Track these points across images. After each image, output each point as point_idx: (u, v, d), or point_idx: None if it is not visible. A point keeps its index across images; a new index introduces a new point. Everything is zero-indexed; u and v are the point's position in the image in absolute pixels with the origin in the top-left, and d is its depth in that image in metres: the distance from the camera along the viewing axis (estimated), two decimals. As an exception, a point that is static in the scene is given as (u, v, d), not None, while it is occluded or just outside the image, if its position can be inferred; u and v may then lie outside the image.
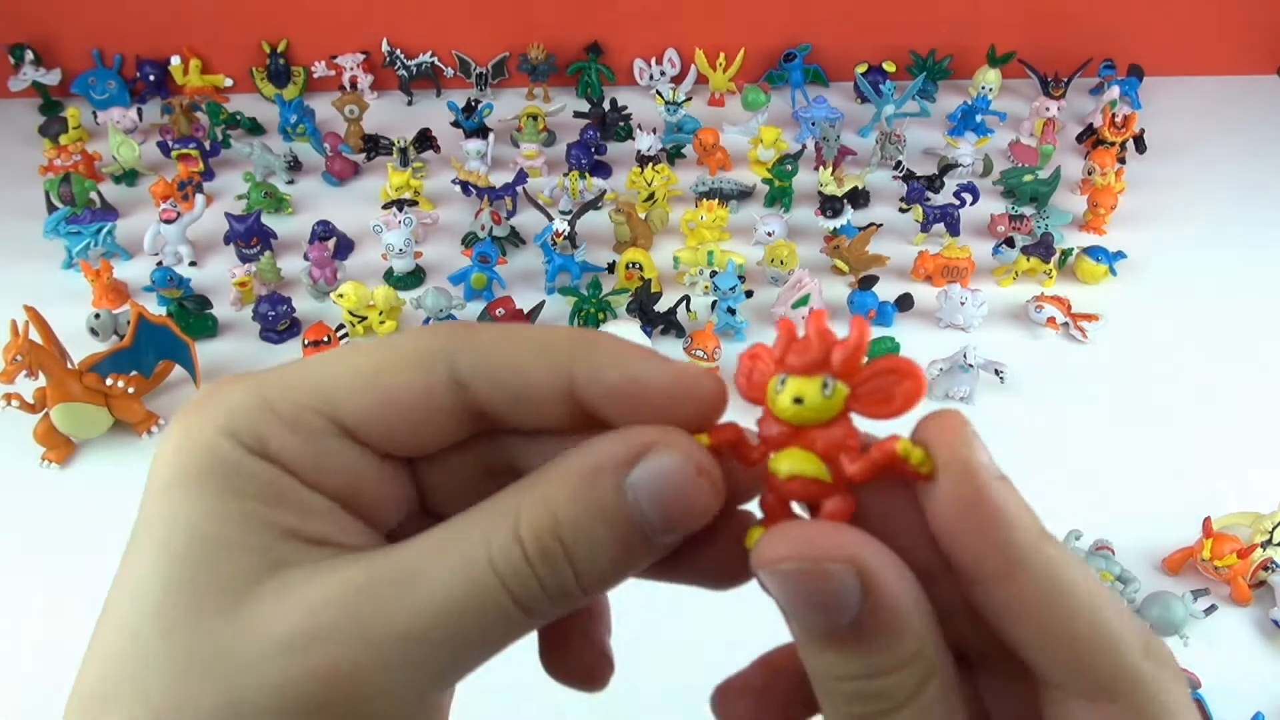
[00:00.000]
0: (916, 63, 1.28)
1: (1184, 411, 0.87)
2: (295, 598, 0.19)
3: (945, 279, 0.98)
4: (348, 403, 0.20)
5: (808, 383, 0.20)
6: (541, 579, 0.19)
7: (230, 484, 0.19)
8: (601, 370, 0.21)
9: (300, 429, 0.20)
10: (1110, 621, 0.19)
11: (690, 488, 0.20)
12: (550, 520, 0.19)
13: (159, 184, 1.05)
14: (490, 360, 0.21)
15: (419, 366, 0.20)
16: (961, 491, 0.19)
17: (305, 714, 0.18)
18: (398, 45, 1.25)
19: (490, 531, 0.19)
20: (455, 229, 1.07)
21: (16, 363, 0.78)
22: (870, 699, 0.19)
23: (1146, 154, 1.18)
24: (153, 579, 0.19)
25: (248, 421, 0.20)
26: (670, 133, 1.18)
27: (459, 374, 0.20)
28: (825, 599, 0.18)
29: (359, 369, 0.20)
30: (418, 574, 0.19)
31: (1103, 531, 0.75)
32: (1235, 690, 0.66)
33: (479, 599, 0.19)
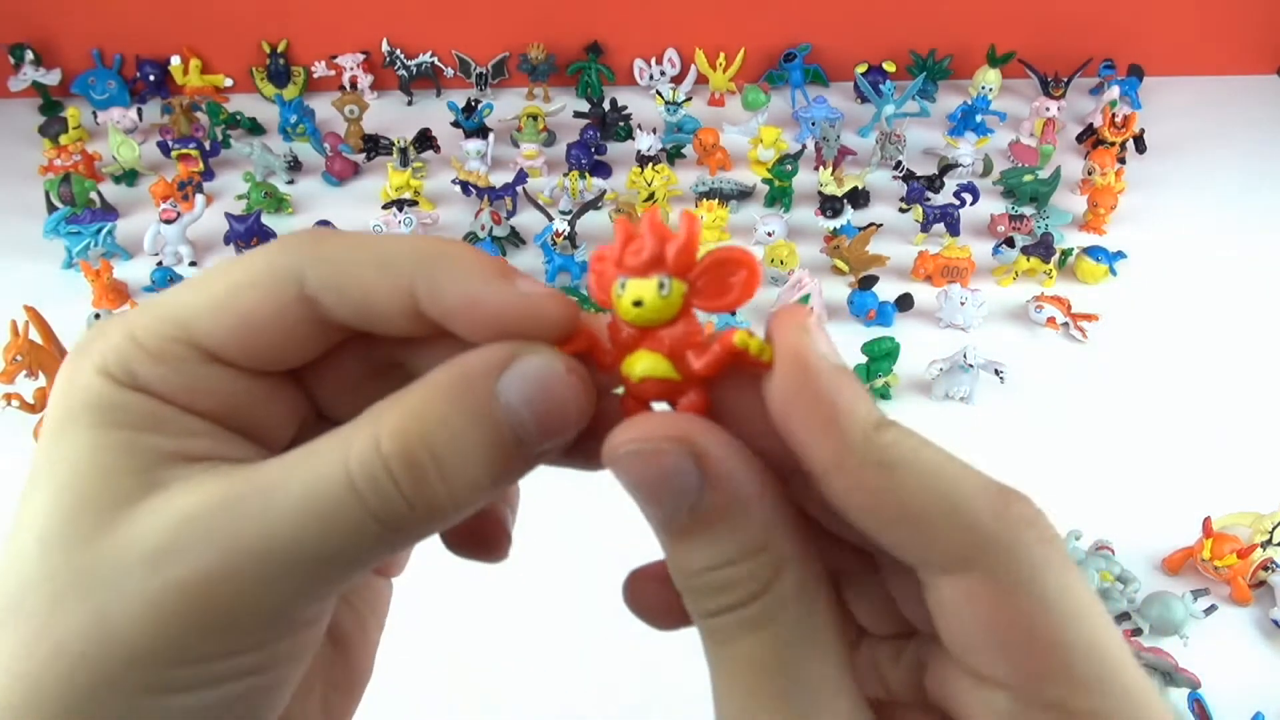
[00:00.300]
0: (916, 63, 1.28)
1: (1184, 411, 0.87)
2: (164, 513, 0.19)
3: (945, 279, 0.98)
4: (204, 328, 0.20)
5: (645, 284, 0.20)
6: (405, 491, 0.19)
7: (107, 416, 0.20)
8: (442, 289, 0.20)
9: (165, 359, 0.20)
10: (953, 491, 0.18)
11: (562, 387, 0.20)
12: (417, 426, 0.19)
13: (159, 184, 1.05)
14: (336, 276, 0.20)
15: (269, 286, 0.20)
16: (791, 376, 0.19)
17: (170, 626, 0.18)
18: (398, 45, 1.25)
19: (350, 441, 0.19)
20: (455, 229, 1.07)
21: (16, 363, 0.78)
22: (720, 591, 0.19)
23: (1146, 154, 1.18)
24: (39, 511, 0.19)
25: (118, 357, 0.20)
26: (670, 133, 1.18)
27: (308, 289, 0.20)
28: (662, 480, 0.19)
29: (213, 293, 0.21)
30: (275, 486, 0.19)
31: (1103, 531, 0.75)
32: (1235, 690, 0.66)
33: (335, 513, 0.18)
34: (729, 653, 0.19)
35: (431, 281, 0.20)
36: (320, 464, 0.19)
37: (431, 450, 0.19)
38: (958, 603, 0.18)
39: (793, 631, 0.19)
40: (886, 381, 0.86)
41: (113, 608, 0.18)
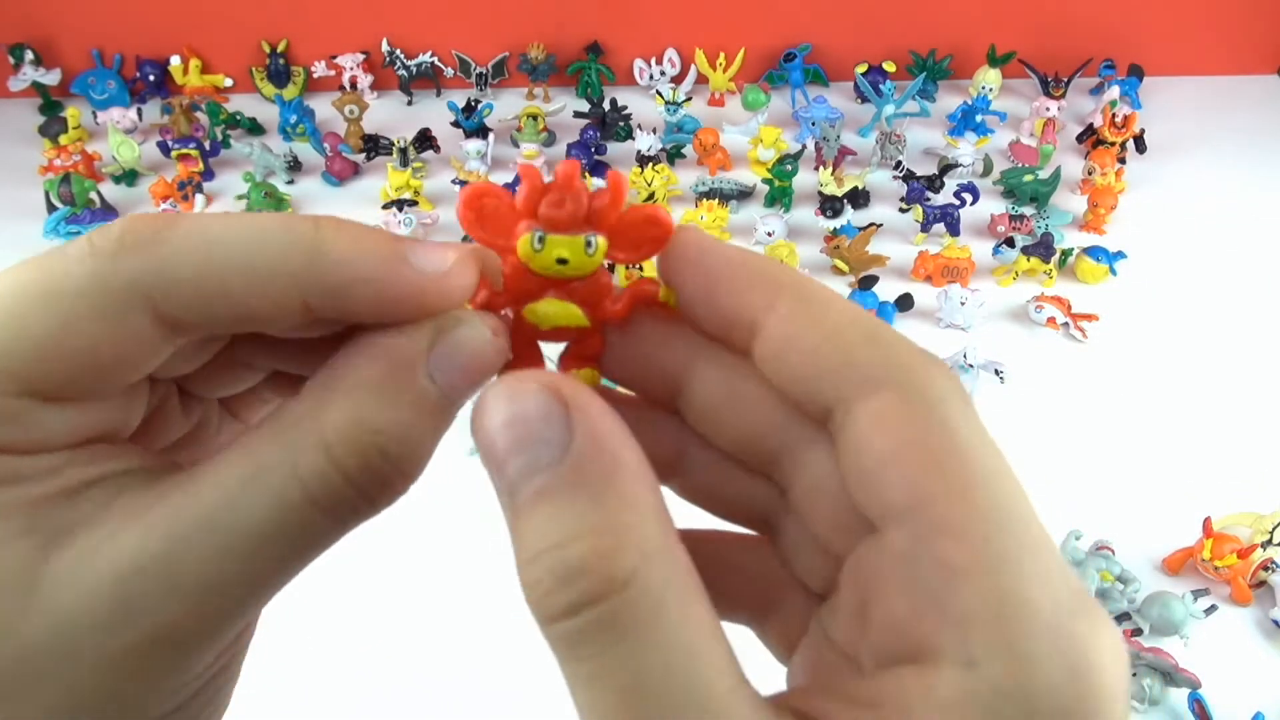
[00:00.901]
0: (916, 63, 1.28)
1: (1184, 411, 0.87)
2: (97, 570, 0.17)
3: (945, 279, 0.98)
4: (34, 376, 0.17)
5: (571, 241, 0.20)
6: (368, 494, 0.18)
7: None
8: (338, 293, 0.18)
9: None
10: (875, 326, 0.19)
11: (491, 351, 0.19)
12: (366, 433, 0.18)
13: (159, 184, 1.06)
14: (196, 295, 0.17)
15: (110, 320, 0.17)
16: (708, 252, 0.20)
17: (123, 681, 0.17)
18: (398, 45, 1.25)
19: (297, 455, 0.18)
20: (455, 229, 1.07)
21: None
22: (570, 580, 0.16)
23: (1146, 154, 1.18)
24: None
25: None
26: (670, 133, 1.18)
27: (166, 317, 0.18)
28: (522, 422, 0.17)
29: (31, 334, 0.17)
30: (224, 510, 0.17)
31: (1103, 531, 0.75)
32: (1235, 690, 0.66)
33: (294, 525, 0.18)
34: (586, 671, 0.16)
35: (323, 287, 0.18)
36: (272, 481, 0.17)
37: (384, 453, 0.18)
38: (868, 427, 0.18)
39: (666, 639, 0.16)
40: (886, 381, 0.86)
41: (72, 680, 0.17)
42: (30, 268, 0.17)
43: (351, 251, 0.18)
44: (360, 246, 0.18)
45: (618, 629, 0.15)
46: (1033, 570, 0.17)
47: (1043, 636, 0.16)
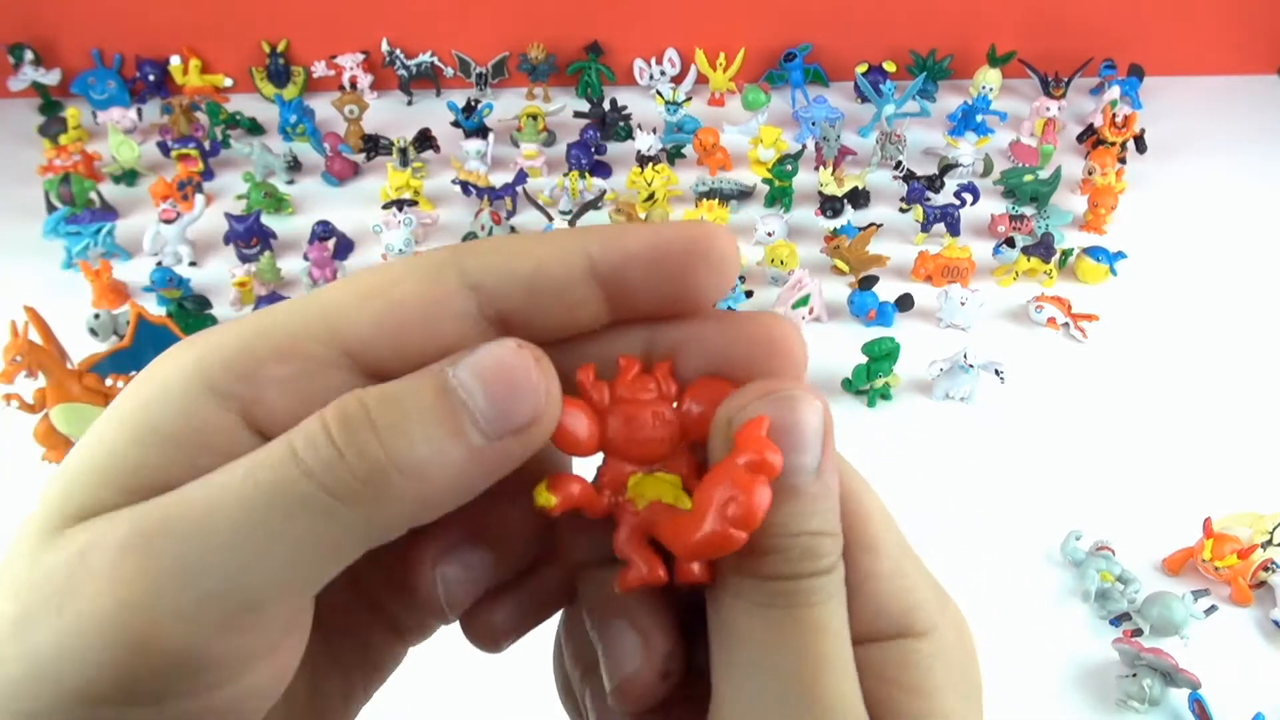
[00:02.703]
0: (916, 63, 1.28)
1: (1184, 411, 0.87)
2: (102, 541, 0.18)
3: (945, 279, 0.98)
4: (350, 321, 0.19)
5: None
6: (341, 447, 0.17)
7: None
8: (618, 240, 0.20)
9: (294, 357, 0.19)
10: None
11: (517, 363, 0.19)
12: (356, 400, 0.18)
13: (159, 184, 1.05)
14: (501, 257, 0.20)
15: (426, 277, 0.19)
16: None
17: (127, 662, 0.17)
18: (398, 45, 1.25)
19: (299, 425, 0.18)
20: (455, 229, 1.07)
21: (16, 363, 0.78)
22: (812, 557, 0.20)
23: (1146, 154, 1.18)
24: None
25: (238, 353, 0.18)
26: (670, 133, 1.18)
27: (470, 277, 0.19)
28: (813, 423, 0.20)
29: (363, 286, 0.19)
30: (221, 481, 0.18)
31: (1103, 531, 0.75)
32: (1235, 690, 0.66)
33: (284, 493, 0.17)
34: (807, 616, 0.20)
35: (609, 235, 0.20)
36: (269, 448, 0.18)
37: (367, 409, 0.18)
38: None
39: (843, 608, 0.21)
40: (887, 382, 0.86)
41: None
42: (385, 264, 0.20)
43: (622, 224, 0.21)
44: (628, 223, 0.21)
45: (833, 592, 0.20)
46: None
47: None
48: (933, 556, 0.80)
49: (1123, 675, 0.66)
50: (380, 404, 0.18)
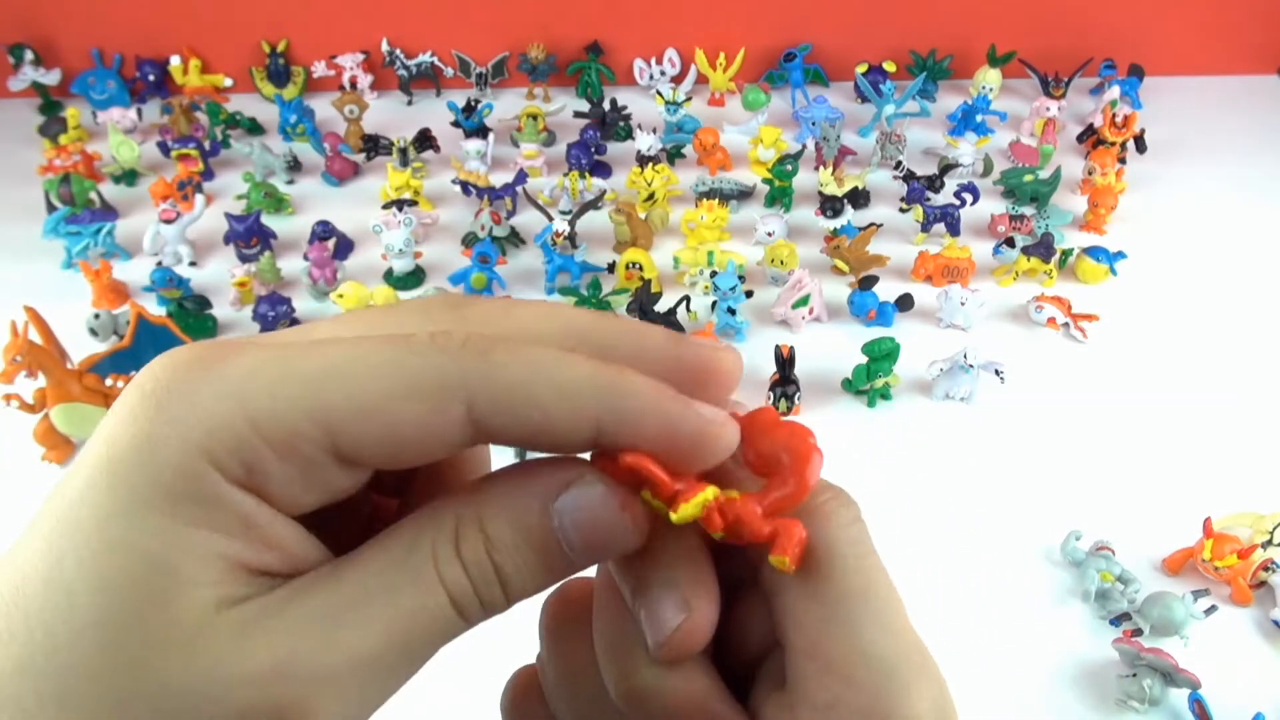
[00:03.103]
0: (916, 63, 1.28)
1: (1184, 411, 0.87)
2: (258, 637, 0.18)
3: (945, 279, 0.98)
4: (347, 430, 0.19)
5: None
6: (479, 593, 0.20)
7: (203, 516, 0.18)
8: (636, 421, 0.20)
9: (291, 457, 0.18)
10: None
11: (612, 519, 0.21)
12: (483, 541, 0.20)
13: (159, 184, 1.05)
14: (513, 402, 0.19)
15: (432, 399, 0.19)
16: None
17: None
18: (398, 45, 1.25)
19: (436, 546, 0.20)
20: (455, 229, 1.07)
21: (16, 363, 0.78)
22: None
23: (1146, 154, 1.18)
24: (93, 608, 0.17)
25: (234, 444, 0.18)
26: (670, 133, 1.18)
27: (476, 412, 0.19)
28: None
29: (363, 390, 0.19)
30: (373, 596, 0.19)
31: (1103, 531, 0.75)
32: (1235, 690, 0.66)
33: (430, 614, 0.20)
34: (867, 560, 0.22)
35: (621, 412, 0.20)
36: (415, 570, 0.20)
37: (495, 563, 0.20)
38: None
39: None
40: (887, 382, 0.86)
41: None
42: (374, 342, 0.19)
43: (644, 385, 0.20)
44: (649, 382, 0.21)
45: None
46: None
47: None
48: (933, 556, 0.81)
49: (1123, 675, 0.66)
50: (503, 558, 0.20)
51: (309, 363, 0.19)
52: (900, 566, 0.76)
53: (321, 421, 0.18)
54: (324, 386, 0.19)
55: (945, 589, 0.72)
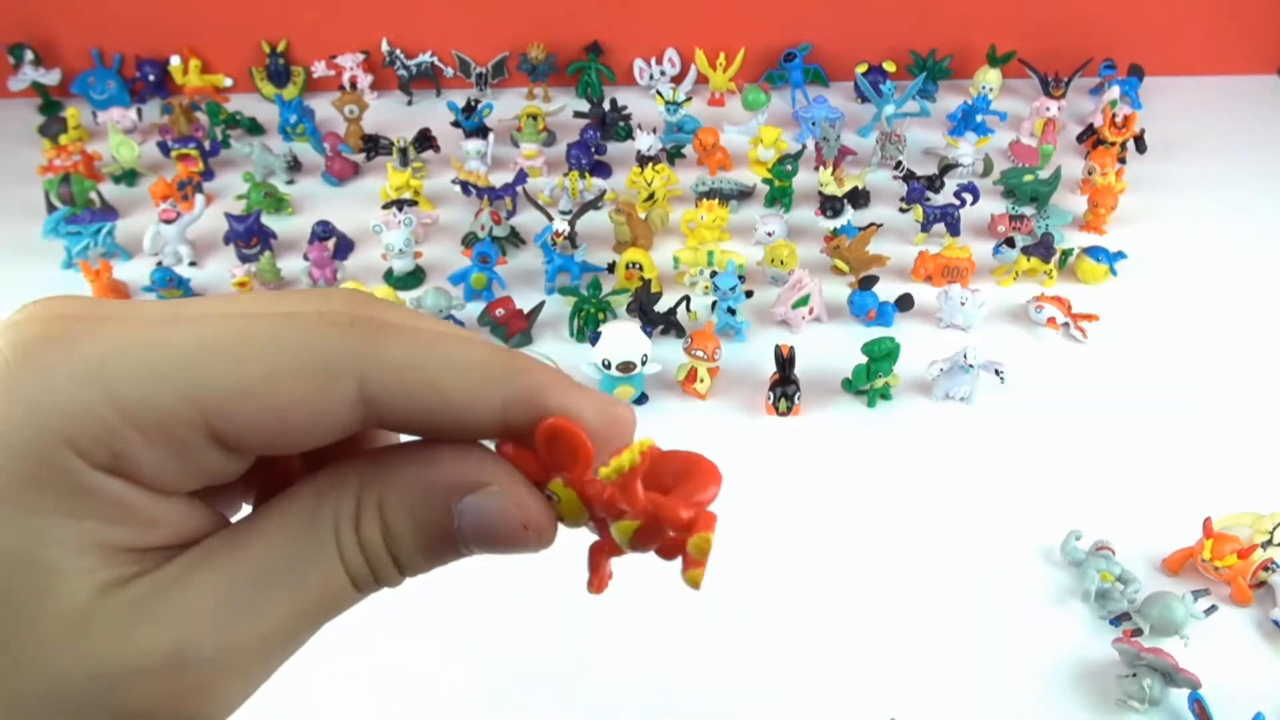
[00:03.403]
0: (916, 63, 1.28)
1: (1184, 411, 0.87)
2: (152, 620, 0.17)
3: (945, 279, 0.98)
4: (227, 416, 0.17)
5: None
6: (375, 573, 0.20)
7: (70, 505, 0.17)
8: (542, 403, 0.20)
9: (164, 441, 0.17)
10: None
11: (513, 533, 0.20)
12: (381, 528, 0.20)
13: (159, 184, 1.06)
14: (407, 385, 0.19)
15: (320, 379, 0.18)
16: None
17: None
18: (398, 45, 1.25)
19: (339, 527, 0.19)
20: (455, 229, 1.07)
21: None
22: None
23: (1147, 154, 1.18)
24: None
25: (99, 431, 0.17)
26: (670, 133, 1.18)
27: (368, 393, 0.18)
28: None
29: (242, 369, 0.17)
30: (275, 574, 0.19)
31: (1103, 531, 0.75)
32: (1235, 690, 0.66)
33: (331, 591, 0.19)
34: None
35: (528, 393, 0.20)
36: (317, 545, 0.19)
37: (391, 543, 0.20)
38: None
39: None
40: (887, 382, 0.86)
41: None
42: (253, 319, 0.18)
43: (544, 371, 0.20)
44: (549, 370, 0.20)
45: None
46: None
47: None
48: (933, 556, 0.81)
49: (1123, 675, 0.66)
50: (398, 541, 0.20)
51: (181, 340, 0.17)
52: (900, 566, 0.76)
53: (196, 403, 0.17)
54: (199, 365, 0.17)
55: (945, 589, 0.72)
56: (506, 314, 0.91)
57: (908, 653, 0.68)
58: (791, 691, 0.66)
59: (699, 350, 0.84)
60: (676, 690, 0.65)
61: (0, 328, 0.17)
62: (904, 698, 0.65)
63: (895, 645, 0.68)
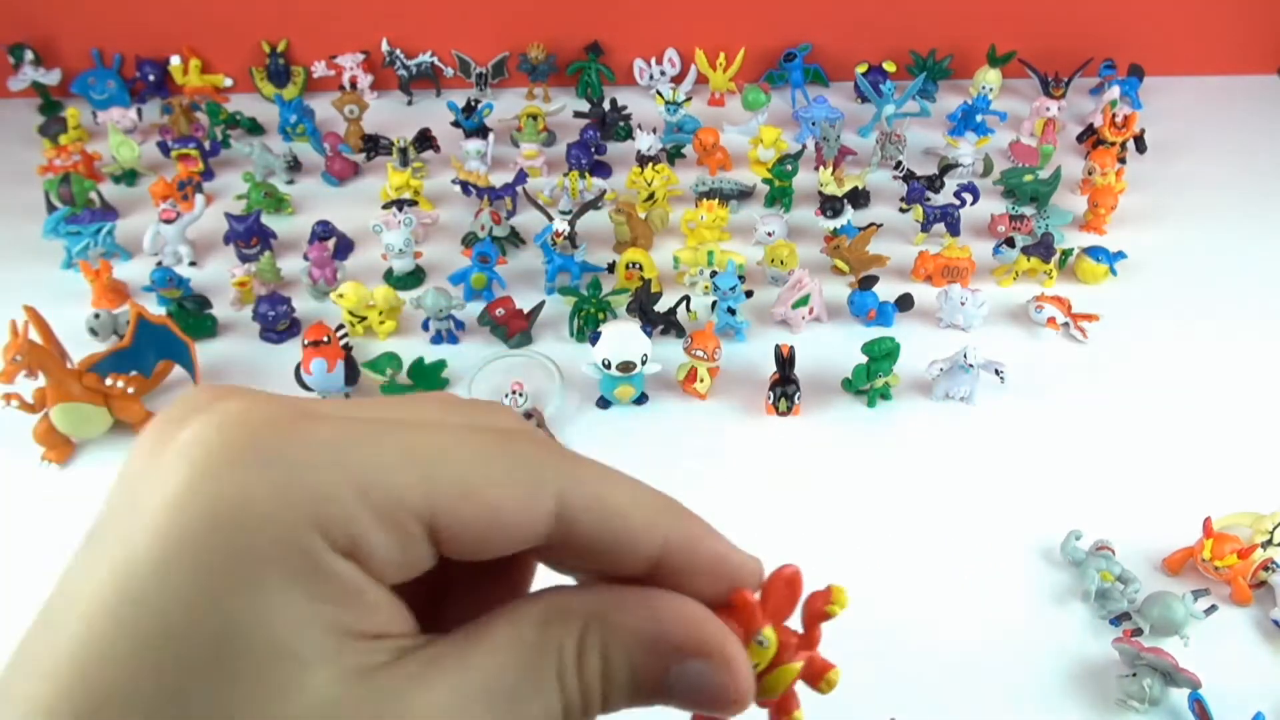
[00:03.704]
0: (916, 63, 1.28)
1: (1184, 411, 0.87)
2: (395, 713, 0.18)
3: (945, 279, 0.98)
4: (448, 513, 0.19)
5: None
6: (585, 709, 0.20)
7: (313, 588, 0.17)
8: (696, 548, 0.22)
9: (394, 532, 0.18)
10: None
11: (723, 704, 0.21)
12: (601, 667, 0.20)
13: (159, 184, 1.06)
14: (598, 510, 0.20)
15: (528, 492, 0.20)
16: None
17: None
18: (398, 45, 1.25)
19: (562, 662, 0.20)
20: (455, 229, 1.07)
21: (16, 363, 0.78)
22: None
23: (1146, 154, 1.18)
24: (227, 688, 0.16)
25: (342, 516, 0.17)
26: (670, 133, 1.18)
27: (566, 511, 0.20)
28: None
29: (472, 472, 0.19)
30: (502, 694, 0.19)
31: (1103, 531, 0.75)
32: (1235, 690, 0.66)
33: (544, 716, 0.20)
34: None
35: (685, 531, 0.21)
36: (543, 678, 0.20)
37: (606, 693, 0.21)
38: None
39: None
40: (887, 382, 0.86)
41: None
42: (473, 430, 0.20)
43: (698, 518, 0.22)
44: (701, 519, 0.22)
45: None
46: None
47: None
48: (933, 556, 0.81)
49: (1123, 675, 0.66)
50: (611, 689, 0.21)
51: (411, 439, 0.19)
52: (900, 566, 0.76)
53: (427, 496, 0.18)
54: (431, 461, 0.19)
55: (945, 589, 0.72)
56: (506, 314, 0.91)
57: (908, 653, 0.68)
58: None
59: (699, 350, 0.84)
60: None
61: (216, 415, 0.18)
62: (904, 698, 0.65)
63: (895, 645, 0.68)
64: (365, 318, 0.92)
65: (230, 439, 0.17)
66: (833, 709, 0.64)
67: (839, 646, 0.71)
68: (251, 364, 0.91)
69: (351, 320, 0.91)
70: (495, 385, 0.88)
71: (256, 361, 0.91)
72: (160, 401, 0.87)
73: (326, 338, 0.83)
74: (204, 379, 0.87)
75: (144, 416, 0.83)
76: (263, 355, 0.92)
